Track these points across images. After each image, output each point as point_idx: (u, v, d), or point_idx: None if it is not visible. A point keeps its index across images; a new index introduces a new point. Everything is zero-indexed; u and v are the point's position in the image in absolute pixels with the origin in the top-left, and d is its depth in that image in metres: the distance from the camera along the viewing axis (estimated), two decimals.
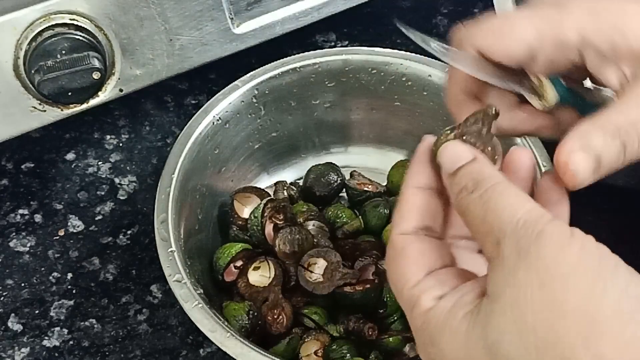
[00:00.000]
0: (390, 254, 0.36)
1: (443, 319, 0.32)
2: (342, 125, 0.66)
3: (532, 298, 0.29)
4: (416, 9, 0.80)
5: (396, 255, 0.35)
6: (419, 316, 0.33)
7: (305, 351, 0.53)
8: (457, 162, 0.35)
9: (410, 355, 0.53)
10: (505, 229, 0.31)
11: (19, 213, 0.66)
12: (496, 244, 0.31)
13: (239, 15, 0.63)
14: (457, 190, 0.34)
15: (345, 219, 0.59)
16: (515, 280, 0.29)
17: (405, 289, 0.34)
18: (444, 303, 0.32)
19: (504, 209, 0.31)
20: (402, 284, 0.34)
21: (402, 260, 0.35)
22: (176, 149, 0.57)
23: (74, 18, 0.55)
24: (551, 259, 0.29)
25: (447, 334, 0.31)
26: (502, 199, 0.32)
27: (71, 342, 0.58)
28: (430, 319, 0.32)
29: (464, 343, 0.31)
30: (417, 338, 0.34)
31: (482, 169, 0.34)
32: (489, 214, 0.32)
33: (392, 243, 0.36)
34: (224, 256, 0.56)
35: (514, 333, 0.29)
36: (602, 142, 0.33)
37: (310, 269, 0.55)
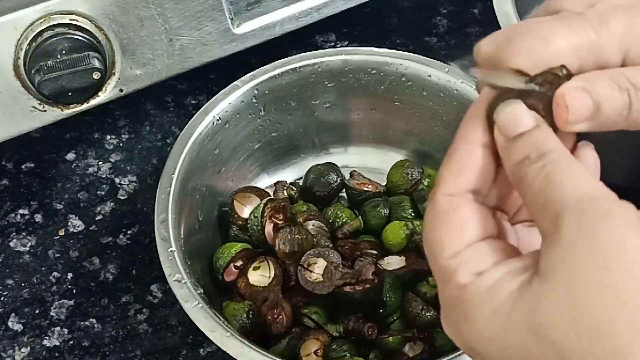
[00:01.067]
0: (430, 215, 0.32)
1: (482, 297, 0.30)
2: (342, 125, 0.66)
3: (591, 281, 0.27)
4: (416, 9, 0.80)
5: (437, 218, 0.32)
6: (454, 289, 0.31)
7: (305, 351, 0.53)
8: (517, 127, 0.31)
9: (410, 355, 0.53)
10: (567, 203, 0.28)
11: (19, 213, 0.66)
12: (554, 219, 0.28)
13: (239, 15, 0.63)
14: (516, 158, 0.31)
15: (345, 219, 0.59)
16: (573, 258, 0.27)
17: (442, 257, 0.31)
18: (484, 280, 0.30)
19: (568, 183, 0.29)
20: (439, 251, 0.31)
21: (443, 226, 0.32)
22: (176, 149, 0.57)
23: (74, 18, 0.55)
24: (617, 242, 0.27)
25: (485, 313, 0.29)
26: (567, 173, 0.29)
27: (71, 341, 0.58)
28: (467, 295, 0.30)
29: (504, 323, 0.29)
30: (446, 312, 0.32)
31: (545, 139, 0.31)
32: (550, 186, 0.29)
33: (436, 203, 0.32)
34: (224, 256, 0.56)
35: (566, 317, 0.27)
36: (608, 91, 0.31)
37: (310, 268, 0.55)
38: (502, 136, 0.32)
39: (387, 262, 0.56)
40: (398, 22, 0.79)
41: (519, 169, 0.31)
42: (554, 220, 0.29)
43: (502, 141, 0.32)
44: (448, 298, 0.31)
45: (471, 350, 0.31)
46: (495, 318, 0.29)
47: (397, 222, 0.58)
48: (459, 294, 0.30)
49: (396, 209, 0.59)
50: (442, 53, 0.76)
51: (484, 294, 0.30)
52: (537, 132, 0.31)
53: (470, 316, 0.30)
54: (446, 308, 0.32)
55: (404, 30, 0.78)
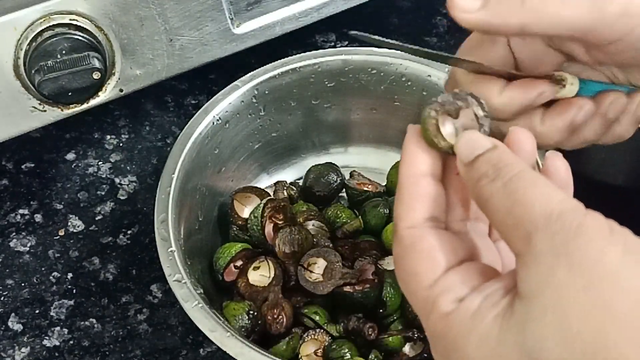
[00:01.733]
0: (398, 252, 0.32)
1: (468, 323, 0.29)
2: (342, 125, 0.66)
3: (577, 300, 0.26)
4: (416, 9, 0.80)
5: (406, 252, 0.32)
6: (438, 321, 0.30)
7: (305, 351, 0.53)
8: (475, 150, 0.31)
9: (410, 355, 0.53)
10: (537, 222, 0.28)
11: (19, 213, 0.66)
12: (526, 238, 0.28)
13: (238, 15, 0.63)
14: (476, 178, 0.31)
15: (345, 219, 0.59)
16: (554, 280, 0.27)
17: (420, 290, 0.31)
18: (467, 305, 0.29)
19: (535, 200, 0.28)
20: (416, 285, 0.31)
21: (413, 258, 0.31)
22: (176, 149, 0.57)
23: (74, 18, 0.55)
24: (594, 258, 0.26)
25: (474, 340, 0.29)
26: (531, 189, 0.29)
27: (71, 341, 0.58)
28: (452, 324, 0.29)
29: (495, 349, 0.28)
30: (435, 344, 0.31)
31: (502, 156, 0.31)
32: (516, 206, 0.29)
33: (400, 238, 0.32)
34: (224, 256, 0.56)
35: (557, 338, 0.26)
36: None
37: (310, 268, 0.55)
38: (462, 163, 0.32)
39: (387, 262, 0.56)
40: (398, 22, 0.79)
41: (480, 190, 0.31)
42: (525, 241, 0.28)
43: (462, 168, 0.32)
44: (433, 330, 0.31)
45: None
46: (485, 344, 0.29)
47: None
48: (444, 324, 0.30)
49: None
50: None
51: (468, 321, 0.29)
52: (493, 151, 0.31)
53: (459, 345, 0.29)
54: (433, 340, 0.31)
55: (404, 30, 0.79)
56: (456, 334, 0.29)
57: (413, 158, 0.34)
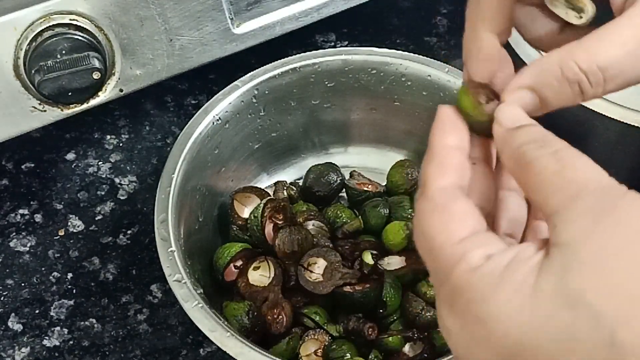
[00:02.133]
0: (427, 207, 0.32)
1: (500, 275, 0.29)
2: (342, 125, 0.66)
3: (621, 251, 0.27)
4: (416, 9, 0.80)
5: (437, 209, 0.32)
6: (464, 274, 0.30)
7: (305, 351, 0.53)
8: (519, 120, 0.33)
9: (410, 355, 0.53)
10: (587, 184, 0.29)
11: (19, 213, 0.66)
12: (573, 196, 0.29)
13: (239, 15, 0.63)
14: (519, 142, 0.32)
15: (345, 218, 0.59)
16: (600, 230, 0.27)
17: (447, 245, 0.31)
18: (499, 259, 0.29)
19: (586, 168, 0.30)
20: (443, 239, 0.31)
21: (445, 215, 0.32)
22: (176, 149, 0.57)
23: (74, 18, 0.55)
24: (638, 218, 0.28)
25: (507, 290, 0.28)
26: (580, 160, 0.30)
27: (71, 341, 0.58)
28: (482, 276, 0.29)
29: (530, 297, 0.28)
30: (454, 300, 0.30)
31: (547, 133, 0.32)
32: (567, 169, 0.30)
33: (431, 196, 0.32)
34: (224, 256, 0.56)
35: (603, 285, 0.27)
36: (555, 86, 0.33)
37: (310, 268, 0.55)
38: (502, 128, 0.33)
39: (387, 262, 0.56)
40: (398, 22, 0.79)
41: (526, 151, 0.31)
42: (572, 198, 0.29)
43: (501, 132, 0.33)
44: (456, 284, 0.30)
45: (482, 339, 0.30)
46: (519, 294, 0.28)
47: (397, 222, 0.58)
48: (471, 277, 0.30)
49: (396, 209, 0.59)
50: (442, 53, 0.76)
51: (501, 272, 0.29)
52: (536, 127, 0.32)
53: (487, 296, 0.29)
54: (454, 295, 0.30)
55: (404, 30, 0.79)
56: (485, 285, 0.29)
57: (447, 129, 0.34)
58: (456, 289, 0.30)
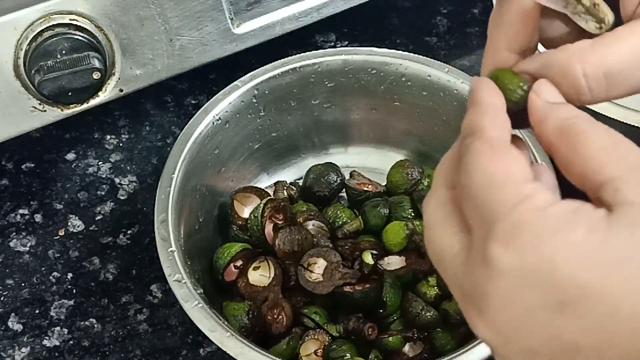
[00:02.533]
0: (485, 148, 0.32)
1: (571, 217, 0.29)
2: (342, 125, 0.66)
3: None
4: (416, 9, 0.80)
5: (499, 151, 0.32)
6: (530, 212, 0.29)
7: (305, 351, 0.53)
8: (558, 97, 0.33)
9: (410, 355, 0.53)
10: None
11: (19, 213, 0.66)
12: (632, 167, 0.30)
13: (239, 15, 0.63)
14: (570, 115, 0.32)
15: (345, 219, 0.59)
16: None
17: (511, 182, 0.30)
18: (566, 204, 0.29)
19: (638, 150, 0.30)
20: (507, 177, 0.31)
21: (509, 157, 0.31)
22: (176, 149, 0.57)
23: (74, 18, 0.55)
24: None
25: (578, 232, 0.28)
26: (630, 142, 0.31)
27: (71, 341, 0.58)
28: (550, 215, 0.29)
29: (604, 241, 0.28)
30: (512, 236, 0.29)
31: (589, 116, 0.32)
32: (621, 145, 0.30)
33: (491, 140, 0.32)
34: (224, 256, 0.56)
35: None
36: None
37: (310, 268, 0.55)
38: (543, 100, 0.33)
39: (387, 262, 0.56)
40: (398, 22, 0.79)
41: (575, 124, 0.31)
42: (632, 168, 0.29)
43: (541, 104, 0.33)
44: (520, 221, 0.29)
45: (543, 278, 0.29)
46: (593, 236, 0.28)
47: (397, 222, 0.58)
48: (538, 215, 0.29)
49: (396, 209, 0.59)
50: (442, 53, 0.76)
51: (571, 215, 0.29)
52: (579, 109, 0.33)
53: (558, 235, 0.29)
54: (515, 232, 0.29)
55: (404, 30, 0.78)
56: (555, 224, 0.29)
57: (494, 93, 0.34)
58: (519, 225, 0.29)
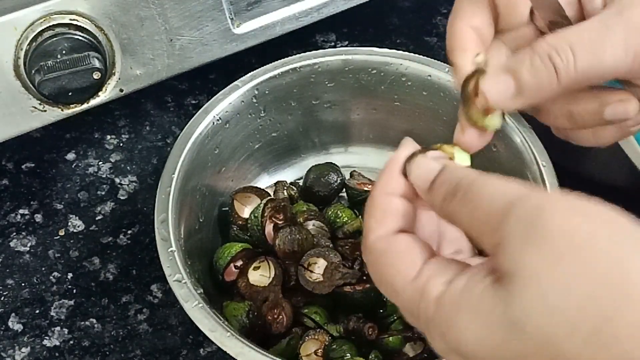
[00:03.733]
0: (372, 260, 0.34)
1: (459, 298, 0.30)
2: (342, 125, 0.66)
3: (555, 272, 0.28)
4: (416, 9, 0.80)
5: (381, 257, 0.34)
6: (430, 306, 0.31)
7: (305, 351, 0.53)
8: (428, 176, 0.34)
9: (410, 355, 0.53)
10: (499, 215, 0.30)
11: (20, 213, 0.66)
12: (494, 231, 0.30)
13: (239, 15, 0.63)
14: (440, 200, 0.33)
15: (345, 219, 0.59)
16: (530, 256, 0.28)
17: (406, 285, 0.32)
18: (456, 284, 0.31)
19: (494, 196, 0.31)
20: (401, 281, 0.33)
21: (391, 259, 0.33)
22: (176, 149, 0.57)
23: (74, 18, 0.55)
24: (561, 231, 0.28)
25: (466, 313, 0.30)
26: (487, 188, 0.31)
27: (71, 341, 0.58)
28: (444, 303, 0.31)
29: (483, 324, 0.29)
30: (431, 332, 0.32)
31: (454, 173, 0.33)
32: (479, 207, 0.31)
33: (371, 248, 0.34)
34: (224, 256, 0.56)
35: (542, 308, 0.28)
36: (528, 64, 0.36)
37: (310, 268, 0.55)
38: (422, 191, 0.35)
39: None
40: (398, 22, 0.79)
41: (445, 209, 0.33)
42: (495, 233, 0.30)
43: (424, 195, 0.35)
44: (426, 317, 0.32)
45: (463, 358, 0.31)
46: (475, 321, 0.30)
47: None
48: (436, 306, 0.31)
49: None
50: (442, 53, 0.76)
51: (460, 294, 0.31)
52: (445, 172, 0.34)
53: (452, 321, 0.31)
54: (429, 328, 0.32)
55: (404, 30, 0.79)
56: (448, 311, 0.31)
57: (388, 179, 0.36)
58: (428, 322, 0.32)
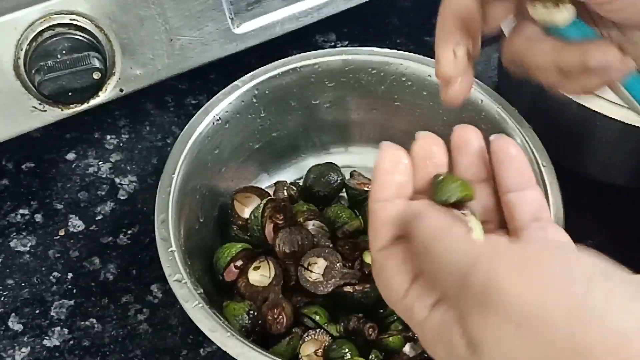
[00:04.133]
0: (375, 273, 0.37)
1: (436, 334, 0.33)
2: (342, 125, 0.66)
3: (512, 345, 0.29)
4: (416, 9, 0.80)
5: (380, 271, 0.36)
6: (417, 327, 0.34)
7: (305, 351, 0.53)
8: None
9: (410, 355, 0.53)
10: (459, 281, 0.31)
11: (20, 213, 0.66)
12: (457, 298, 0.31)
13: (239, 15, 0.63)
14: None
15: (345, 219, 0.59)
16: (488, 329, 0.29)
17: (397, 301, 0.35)
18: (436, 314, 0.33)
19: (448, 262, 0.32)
20: (394, 297, 0.35)
21: (386, 275, 0.36)
22: (176, 149, 0.57)
23: (75, 18, 0.55)
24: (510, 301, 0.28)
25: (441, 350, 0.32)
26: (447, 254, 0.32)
27: (71, 341, 0.58)
28: (426, 330, 0.33)
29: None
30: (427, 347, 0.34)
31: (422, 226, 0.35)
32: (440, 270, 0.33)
33: (374, 261, 0.37)
34: (224, 256, 0.56)
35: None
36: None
37: (310, 268, 0.55)
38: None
39: None
40: (398, 22, 0.79)
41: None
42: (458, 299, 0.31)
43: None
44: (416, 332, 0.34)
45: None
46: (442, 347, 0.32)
47: None
48: (421, 330, 0.34)
49: None
50: None
51: (436, 332, 0.32)
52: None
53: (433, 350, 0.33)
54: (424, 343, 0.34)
55: (404, 30, 0.79)
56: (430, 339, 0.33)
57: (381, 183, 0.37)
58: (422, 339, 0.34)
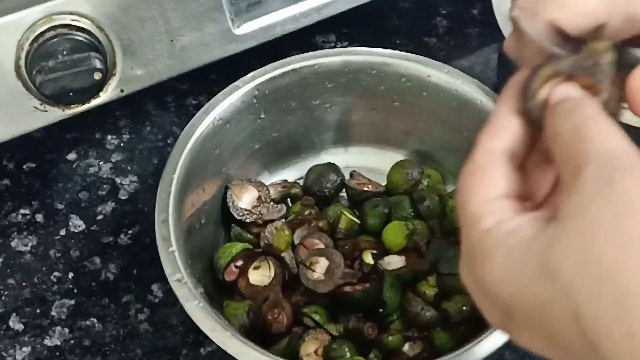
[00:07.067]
0: (467, 169, 0.34)
1: (500, 239, 0.31)
2: (342, 126, 0.66)
3: (605, 228, 0.27)
4: (416, 9, 0.80)
5: (474, 171, 0.34)
6: (476, 234, 0.32)
7: (305, 350, 0.53)
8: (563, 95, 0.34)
9: (410, 354, 0.53)
10: (590, 155, 0.29)
11: (21, 213, 0.66)
12: (576, 170, 0.30)
13: (239, 16, 0.63)
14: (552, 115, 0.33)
15: (345, 219, 0.60)
16: (591, 206, 0.28)
17: (472, 204, 0.33)
18: (506, 225, 0.32)
19: (596, 138, 0.30)
20: (470, 198, 0.33)
21: (477, 177, 0.34)
22: (177, 149, 0.57)
23: (75, 19, 0.55)
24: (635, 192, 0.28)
25: (501, 253, 0.31)
26: (594, 129, 0.31)
27: (72, 341, 0.59)
28: (487, 238, 0.32)
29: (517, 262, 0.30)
30: (464, 257, 0.33)
31: (582, 102, 0.33)
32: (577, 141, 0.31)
33: (475, 158, 0.34)
34: (225, 256, 0.56)
35: (577, 259, 0.28)
36: None
37: (312, 267, 0.55)
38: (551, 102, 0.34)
39: (387, 262, 0.57)
40: (398, 22, 0.80)
41: (552, 126, 0.33)
42: (576, 171, 0.30)
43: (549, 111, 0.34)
44: (469, 243, 0.33)
45: (484, 294, 0.32)
46: (510, 258, 0.30)
47: (397, 222, 0.58)
48: (479, 238, 0.32)
49: (396, 209, 0.60)
50: (442, 53, 0.76)
51: (502, 236, 0.31)
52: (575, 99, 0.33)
53: (487, 257, 0.31)
54: (467, 252, 0.33)
55: (404, 30, 0.79)
56: (487, 247, 0.31)
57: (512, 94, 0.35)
58: (470, 246, 0.33)
